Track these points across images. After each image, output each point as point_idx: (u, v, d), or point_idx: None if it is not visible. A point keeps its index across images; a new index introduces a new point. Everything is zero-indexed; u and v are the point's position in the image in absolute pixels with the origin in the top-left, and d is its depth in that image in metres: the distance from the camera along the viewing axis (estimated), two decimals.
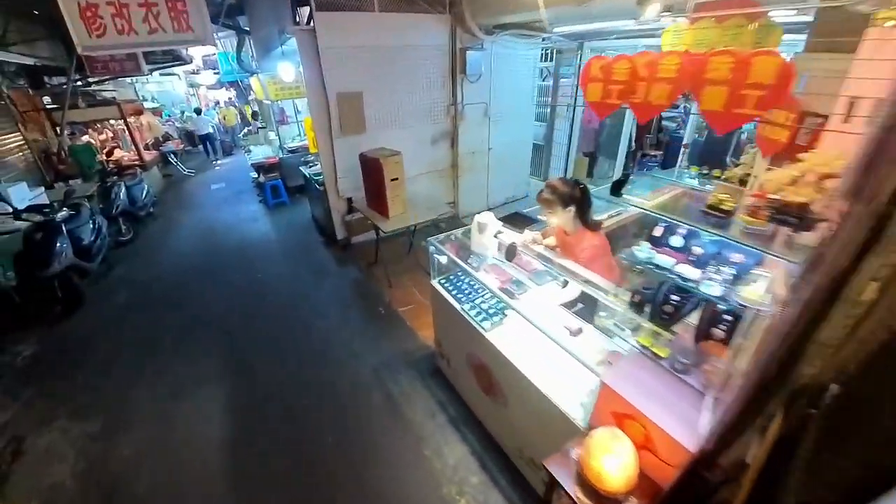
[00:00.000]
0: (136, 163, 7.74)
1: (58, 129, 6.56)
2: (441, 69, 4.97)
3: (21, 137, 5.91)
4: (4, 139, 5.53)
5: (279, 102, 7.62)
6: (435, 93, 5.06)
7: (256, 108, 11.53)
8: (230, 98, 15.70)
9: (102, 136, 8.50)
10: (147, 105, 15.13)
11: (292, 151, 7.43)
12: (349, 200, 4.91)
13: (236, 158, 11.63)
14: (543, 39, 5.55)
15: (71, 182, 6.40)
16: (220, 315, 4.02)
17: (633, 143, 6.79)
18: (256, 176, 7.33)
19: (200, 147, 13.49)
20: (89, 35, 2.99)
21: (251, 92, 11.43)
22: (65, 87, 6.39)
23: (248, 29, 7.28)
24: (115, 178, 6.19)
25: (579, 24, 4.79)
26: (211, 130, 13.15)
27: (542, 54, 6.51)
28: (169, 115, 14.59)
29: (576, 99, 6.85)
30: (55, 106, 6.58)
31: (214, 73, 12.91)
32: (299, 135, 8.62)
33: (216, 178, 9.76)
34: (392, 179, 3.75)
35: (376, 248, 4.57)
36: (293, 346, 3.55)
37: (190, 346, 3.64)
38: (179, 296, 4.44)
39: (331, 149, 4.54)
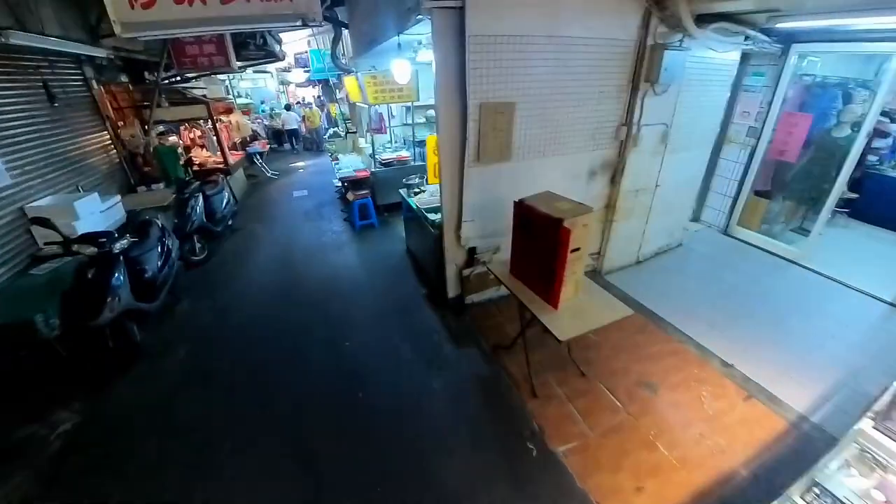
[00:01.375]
0: (221, 166, 7.14)
1: (146, 127, 6.05)
2: (619, 74, 3.45)
3: (108, 137, 5.38)
4: (89, 139, 4.97)
5: (377, 107, 6.58)
6: (604, 107, 3.55)
7: (346, 110, 10.79)
8: (317, 96, 15.37)
9: (192, 136, 8.11)
10: (239, 102, 15.41)
11: (386, 164, 6.32)
12: (472, 251, 3.58)
13: (320, 161, 10.99)
14: (746, 39, 3.79)
15: (153, 186, 5.84)
16: (297, 417, 2.85)
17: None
18: (342, 189, 6.35)
19: (287, 145, 13.25)
20: (131, 5, 1.92)
21: (340, 90, 10.72)
22: (160, 82, 5.84)
23: (345, 22, 6.31)
24: (195, 184, 5.47)
25: (819, 18, 3.16)
26: (296, 126, 12.80)
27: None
28: (260, 113, 14.59)
29: (765, 119, 4.99)
30: (145, 103, 6.06)
31: (305, 71, 12.49)
32: (390, 142, 7.57)
33: (299, 183, 9.06)
34: (573, 250, 2.31)
35: (519, 342, 3.13)
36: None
37: (253, 466, 2.50)
38: (247, 367, 3.37)
39: (458, 181, 3.22)
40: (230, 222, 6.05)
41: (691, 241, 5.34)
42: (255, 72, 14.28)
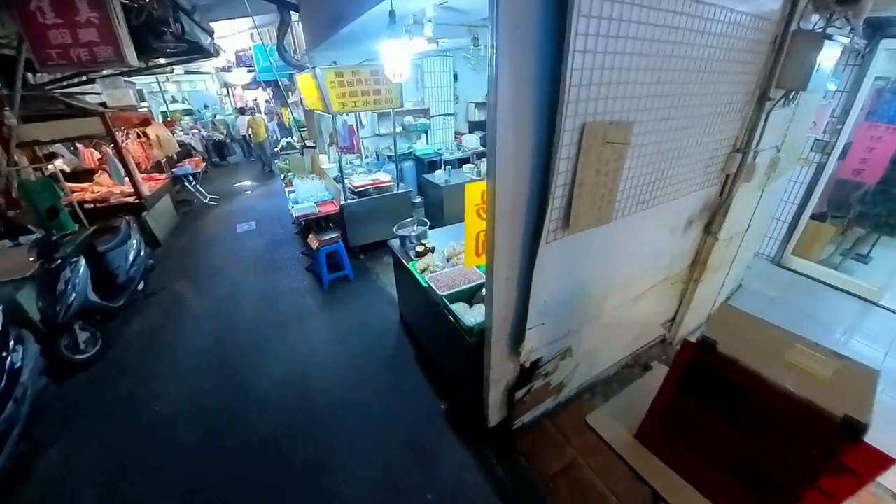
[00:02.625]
0: (131, 200, 5.27)
1: (7, 152, 4.15)
2: (748, 76, 2.19)
3: None
4: None
5: (345, 116, 5.03)
6: (723, 127, 2.29)
7: (300, 116, 9.04)
8: (268, 100, 13.39)
9: (95, 157, 6.13)
10: (174, 108, 13.09)
11: (359, 192, 4.78)
12: (534, 365, 2.19)
13: (271, 182, 9.12)
14: (851, 30, 2.69)
15: (23, 239, 3.96)
16: None
17: None
18: (300, 232, 4.74)
19: (231, 158, 11.22)
20: None
21: (292, 93, 8.97)
22: (18, 87, 3.96)
23: (294, 1, 4.76)
24: (76, 240, 3.69)
25: None
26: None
27: None
28: (204, 120, 12.41)
29: (839, 132, 4.05)
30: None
31: (249, 71, 10.56)
32: (360, 159, 6.01)
33: (246, 211, 7.24)
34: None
35: None
36: None
37: None
38: None
39: (525, 264, 1.82)
40: (141, 285, 4.27)
41: (748, 279, 4.30)
42: (187, 72, 12.10)
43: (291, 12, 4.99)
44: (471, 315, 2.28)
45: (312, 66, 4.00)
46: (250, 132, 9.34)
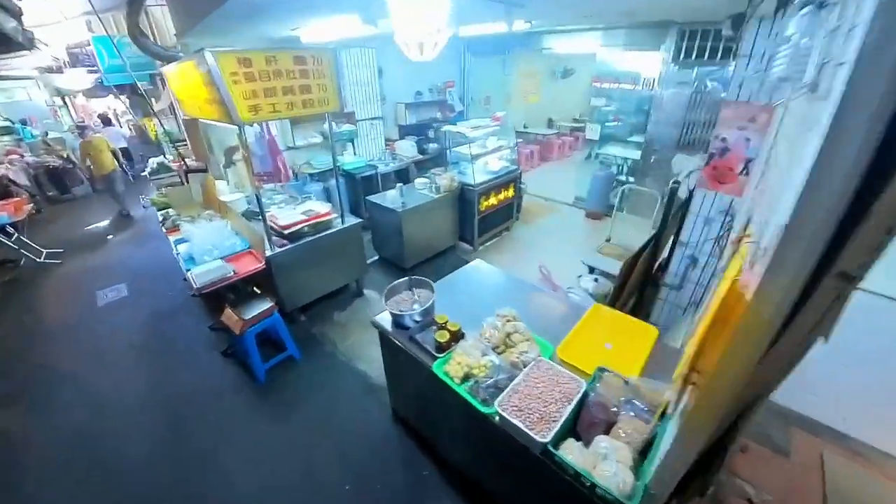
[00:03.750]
0: None
1: None
2: None
3: None
4: None
5: (263, 127, 3.55)
6: None
7: (172, 129, 6.95)
8: (123, 109, 10.56)
9: None
10: None
11: (288, 234, 3.39)
12: None
13: (145, 213, 6.81)
14: None
15: None
16: None
17: None
18: (200, 295, 3.16)
19: (84, 185, 8.38)
20: None
21: (157, 100, 6.85)
22: None
23: None
24: None
25: None
26: (125, 144, 8.44)
27: None
28: (28, 139, 9.12)
29: None
30: None
31: (91, 72, 7.93)
32: (275, 187, 4.50)
33: (108, 268, 5.11)
34: None
35: None
36: None
37: None
38: None
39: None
40: None
41: None
42: None
43: None
44: (607, 470, 1.28)
45: (196, 50, 2.55)
46: (88, 162, 6.30)
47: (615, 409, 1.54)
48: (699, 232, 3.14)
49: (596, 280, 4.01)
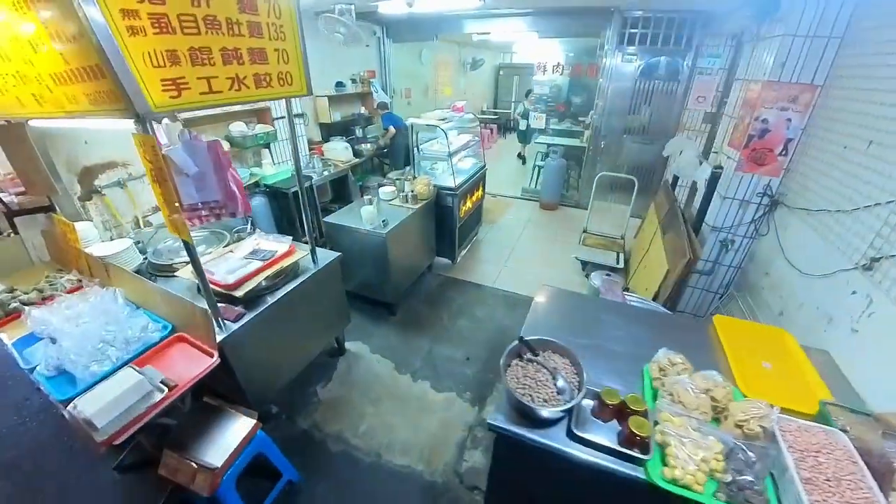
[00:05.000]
0: None
1: None
2: None
3: None
4: None
5: (178, 125, 2.14)
6: None
7: None
8: None
9: None
10: None
11: (244, 300, 2.16)
12: None
13: None
14: None
15: None
16: None
17: None
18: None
19: None
20: None
21: None
22: None
23: None
24: None
25: None
26: None
27: None
28: None
29: None
30: None
31: None
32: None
33: None
34: None
35: None
36: None
37: None
38: None
39: None
40: None
41: None
42: None
43: None
44: None
45: None
46: None
47: (882, 456, 1.10)
48: (734, 216, 2.99)
49: (608, 275, 3.67)
